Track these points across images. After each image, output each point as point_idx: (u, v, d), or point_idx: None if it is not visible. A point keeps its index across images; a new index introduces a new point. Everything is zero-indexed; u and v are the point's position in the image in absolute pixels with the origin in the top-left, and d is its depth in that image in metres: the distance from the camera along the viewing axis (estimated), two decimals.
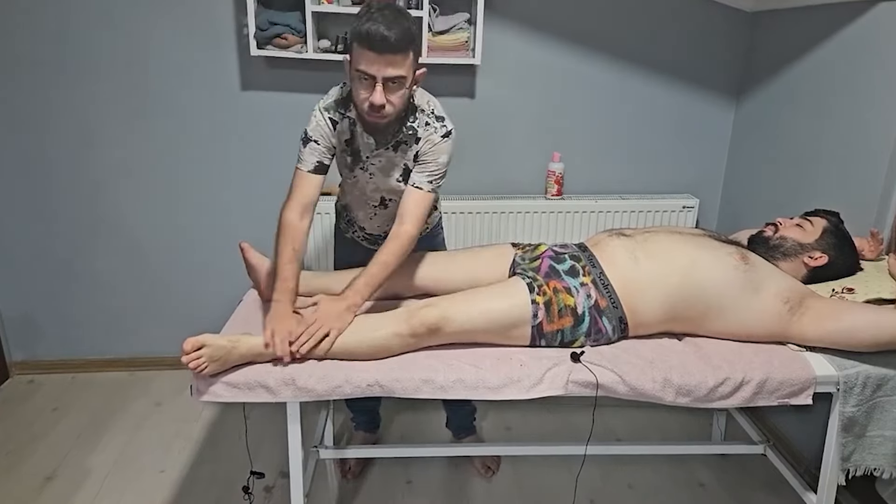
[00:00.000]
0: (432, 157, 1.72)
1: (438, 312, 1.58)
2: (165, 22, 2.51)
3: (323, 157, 1.76)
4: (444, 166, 1.74)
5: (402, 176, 1.81)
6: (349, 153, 1.81)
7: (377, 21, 1.51)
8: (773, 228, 1.85)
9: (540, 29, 2.64)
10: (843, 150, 2.15)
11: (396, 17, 1.54)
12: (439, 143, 1.72)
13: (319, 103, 1.77)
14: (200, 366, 1.45)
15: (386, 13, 1.53)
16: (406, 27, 1.55)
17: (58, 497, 2.17)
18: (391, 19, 1.52)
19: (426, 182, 1.73)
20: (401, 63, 1.56)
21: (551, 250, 1.80)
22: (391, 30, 1.51)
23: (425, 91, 1.80)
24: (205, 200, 2.76)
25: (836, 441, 1.62)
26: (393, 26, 1.51)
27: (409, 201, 1.73)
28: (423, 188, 1.73)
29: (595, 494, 2.25)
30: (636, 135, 2.83)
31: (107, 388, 2.84)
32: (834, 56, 2.20)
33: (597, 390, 1.52)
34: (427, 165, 1.73)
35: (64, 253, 2.78)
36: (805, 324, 1.61)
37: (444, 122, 1.74)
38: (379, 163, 1.80)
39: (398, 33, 1.52)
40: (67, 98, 2.57)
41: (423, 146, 1.73)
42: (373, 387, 1.52)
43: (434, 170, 1.73)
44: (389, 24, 1.51)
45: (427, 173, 1.73)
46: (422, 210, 1.73)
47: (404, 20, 1.55)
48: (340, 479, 2.28)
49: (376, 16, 1.52)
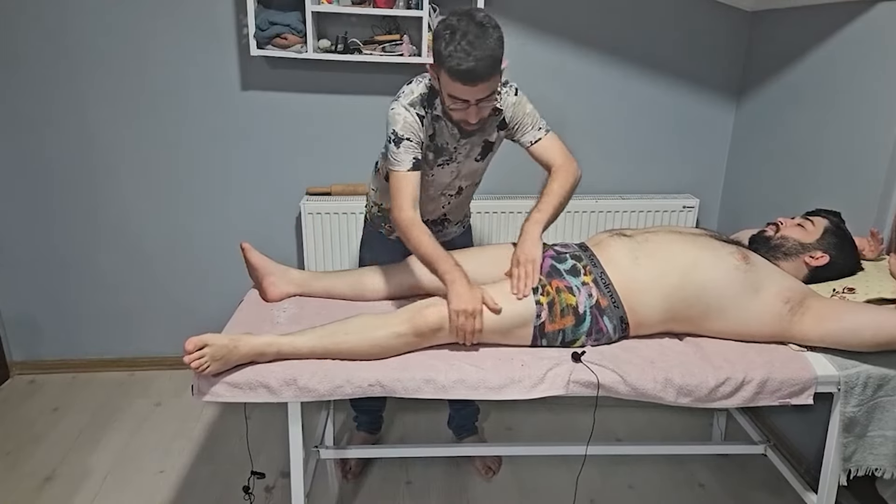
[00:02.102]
0: (521, 113, 1.80)
1: (440, 312, 1.58)
2: (165, 22, 2.51)
3: (417, 153, 1.73)
4: (534, 111, 1.82)
5: (481, 153, 1.89)
6: (431, 149, 1.82)
7: (463, 52, 1.49)
8: (774, 228, 1.85)
9: (540, 29, 2.64)
10: (843, 149, 2.15)
11: (480, 43, 1.50)
12: (517, 101, 1.79)
13: (401, 101, 1.73)
14: (202, 365, 1.45)
15: (470, 38, 1.49)
16: (490, 52, 1.52)
17: (58, 497, 2.17)
18: (476, 46, 1.49)
19: (537, 130, 1.82)
20: (491, 84, 1.58)
21: (552, 250, 1.80)
22: (479, 61, 1.50)
23: None
24: (205, 200, 2.76)
25: (837, 441, 1.62)
26: (479, 57, 1.50)
27: (545, 152, 1.82)
28: (541, 137, 1.82)
29: (595, 494, 2.25)
30: (636, 135, 2.83)
31: (107, 388, 2.83)
32: (834, 56, 2.20)
33: (598, 390, 1.52)
34: (524, 122, 1.81)
35: (64, 253, 2.78)
36: (806, 324, 1.61)
37: (507, 85, 1.79)
38: (465, 149, 1.84)
39: (485, 64, 1.51)
40: (67, 98, 2.57)
41: (507, 113, 1.80)
42: (374, 387, 1.52)
43: (532, 120, 1.81)
44: (476, 55, 1.50)
45: (531, 126, 1.82)
46: (559, 145, 1.83)
47: (488, 41, 1.51)
48: (341, 479, 2.28)
49: (462, 45, 1.49)
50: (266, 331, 1.66)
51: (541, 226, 1.72)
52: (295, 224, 2.80)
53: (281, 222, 2.81)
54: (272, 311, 1.83)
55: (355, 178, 2.73)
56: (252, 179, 2.74)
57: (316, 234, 2.65)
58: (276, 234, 2.81)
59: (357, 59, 2.47)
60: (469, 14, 1.54)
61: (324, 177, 2.74)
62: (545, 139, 1.82)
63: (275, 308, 1.86)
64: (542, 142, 1.81)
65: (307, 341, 1.56)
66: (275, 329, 1.70)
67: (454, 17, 1.54)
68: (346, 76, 2.62)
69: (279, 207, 2.78)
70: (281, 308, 1.86)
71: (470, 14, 1.54)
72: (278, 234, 2.82)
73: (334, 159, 2.74)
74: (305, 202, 2.62)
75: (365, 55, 2.48)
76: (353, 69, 2.60)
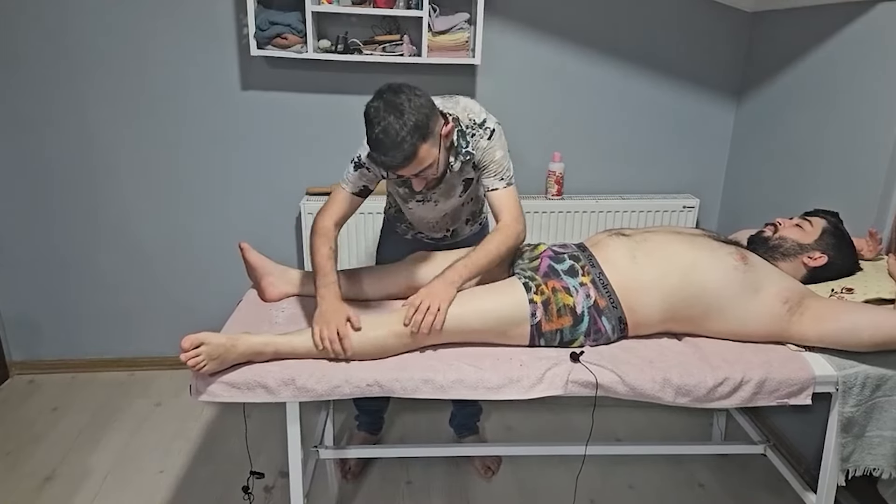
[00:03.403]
0: (489, 158, 1.74)
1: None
2: (165, 22, 2.51)
3: (370, 183, 1.76)
4: (503, 160, 1.76)
5: (464, 189, 1.85)
6: (402, 185, 1.83)
7: (380, 144, 1.50)
8: (772, 229, 1.85)
9: (540, 29, 2.64)
10: (843, 150, 2.15)
11: (395, 133, 1.48)
12: (487, 146, 1.74)
13: None
14: (199, 363, 1.45)
15: (385, 127, 1.48)
16: (406, 141, 1.49)
17: (58, 497, 2.17)
18: (391, 136, 1.48)
19: (498, 181, 1.76)
20: (420, 161, 1.56)
21: (550, 250, 1.80)
22: (395, 152, 1.50)
23: (460, 99, 1.78)
24: (205, 200, 2.77)
25: (836, 441, 1.62)
26: (394, 149, 1.49)
27: (496, 203, 1.76)
28: (498, 188, 1.76)
29: (595, 494, 2.25)
30: (636, 135, 2.83)
31: (107, 388, 2.84)
32: (834, 56, 2.20)
33: (596, 390, 1.52)
34: (489, 168, 1.75)
35: (64, 253, 2.78)
36: (804, 324, 1.61)
37: (485, 125, 1.74)
38: (439, 191, 1.83)
39: (401, 155, 1.51)
40: (67, 98, 2.57)
41: (477, 156, 1.75)
42: (372, 387, 1.52)
43: (497, 169, 1.75)
44: (391, 149, 1.50)
45: (493, 174, 1.75)
46: (511, 203, 1.76)
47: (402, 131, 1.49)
48: (340, 480, 2.28)
49: (378, 136, 1.49)
50: (264, 330, 1.66)
51: (462, 279, 1.64)
52: (295, 224, 2.80)
53: (281, 222, 2.81)
54: (270, 311, 1.84)
55: None
56: (252, 179, 2.75)
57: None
58: (275, 234, 2.82)
59: (357, 59, 2.47)
60: (387, 99, 1.50)
61: (324, 177, 2.74)
62: (502, 192, 1.75)
63: (273, 308, 1.86)
64: (498, 192, 1.75)
65: (305, 341, 1.56)
66: (273, 329, 1.71)
67: (374, 102, 1.52)
68: (346, 76, 2.62)
69: (279, 207, 2.78)
70: (279, 308, 1.86)
71: (388, 99, 1.50)
72: (278, 234, 2.82)
73: (334, 159, 2.73)
74: (305, 202, 2.62)
75: (365, 55, 2.49)
76: (353, 69, 2.60)
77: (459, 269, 1.65)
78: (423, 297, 1.59)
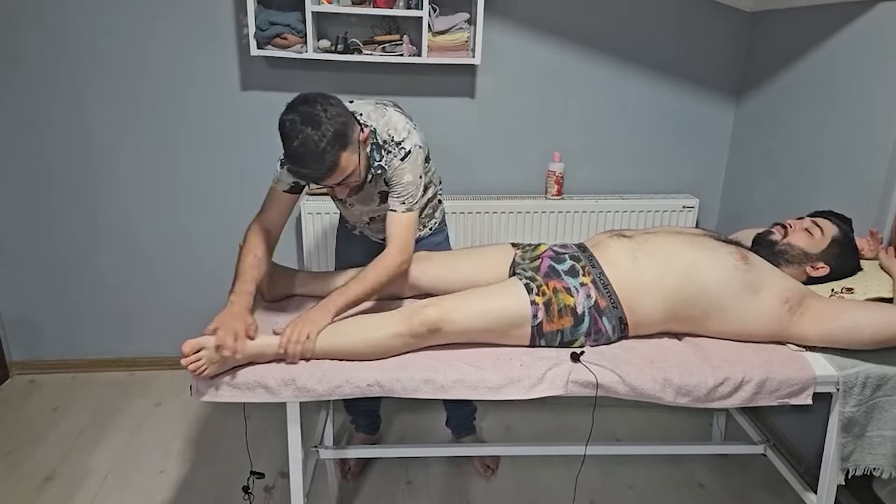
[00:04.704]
0: (396, 180, 1.74)
1: (438, 312, 1.57)
2: (165, 22, 2.51)
3: (300, 180, 1.76)
4: (410, 185, 1.74)
5: (380, 201, 1.86)
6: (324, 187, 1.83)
7: (298, 157, 1.51)
8: (781, 232, 1.81)
9: (540, 29, 2.64)
10: (843, 150, 2.15)
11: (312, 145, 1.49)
12: (398, 166, 1.73)
13: None
14: (200, 368, 1.45)
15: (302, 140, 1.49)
16: (322, 154, 1.50)
17: (58, 497, 2.17)
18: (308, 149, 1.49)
19: (399, 204, 1.75)
20: (342, 170, 1.58)
21: (551, 250, 1.80)
22: (313, 165, 1.52)
23: (385, 109, 1.78)
24: (205, 200, 2.77)
25: (836, 441, 1.62)
26: (311, 161, 1.51)
27: (391, 225, 1.76)
28: (397, 210, 1.75)
29: (595, 494, 2.25)
30: (636, 135, 2.83)
31: (107, 388, 2.84)
32: (834, 56, 2.20)
33: (597, 390, 1.52)
34: (395, 189, 1.75)
35: (64, 253, 2.78)
36: (805, 324, 1.61)
37: (402, 145, 1.73)
38: (356, 197, 1.85)
39: (320, 166, 1.53)
40: (67, 98, 2.57)
41: (388, 173, 1.75)
42: (373, 387, 1.52)
43: (402, 192, 1.74)
44: (308, 161, 1.51)
45: (397, 196, 1.75)
46: (403, 230, 1.75)
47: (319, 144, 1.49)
48: (340, 480, 2.28)
49: (296, 149, 1.50)
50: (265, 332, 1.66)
51: (336, 307, 1.63)
52: (295, 224, 2.80)
53: None
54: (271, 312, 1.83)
55: None
56: (252, 179, 2.74)
57: (316, 234, 2.65)
58: None
59: (357, 59, 2.47)
60: (302, 112, 1.51)
61: None
62: (400, 216, 1.75)
63: (274, 308, 1.86)
64: (395, 215, 1.75)
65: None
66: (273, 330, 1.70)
67: (288, 115, 1.52)
68: (346, 76, 2.62)
69: None
70: (280, 308, 1.86)
71: (303, 111, 1.50)
72: None
73: None
74: (305, 202, 2.62)
75: (365, 55, 2.48)
76: (353, 69, 2.60)
77: (336, 298, 1.64)
78: (294, 324, 1.56)
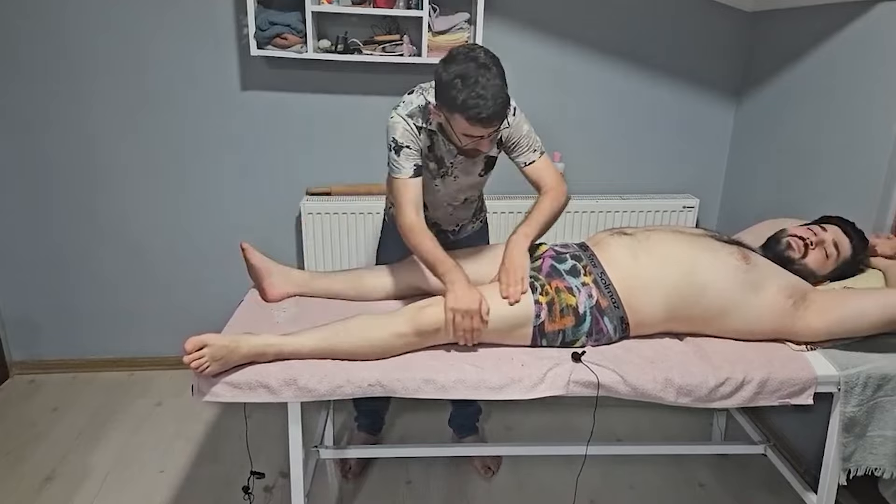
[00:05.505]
0: (518, 134, 1.79)
1: (440, 312, 1.57)
2: (165, 22, 2.51)
3: (417, 160, 1.75)
4: (531, 132, 1.81)
5: (484, 169, 1.90)
6: (433, 159, 1.84)
7: (480, 99, 1.51)
8: (801, 249, 1.77)
9: (540, 29, 2.64)
10: (843, 149, 2.15)
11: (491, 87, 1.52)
12: (514, 122, 1.78)
13: (399, 110, 1.73)
14: (202, 366, 1.45)
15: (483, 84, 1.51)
16: (502, 94, 1.54)
17: (58, 497, 2.17)
18: (490, 90, 1.51)
19: (531, 153, 1.82)
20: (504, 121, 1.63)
21: (552, 250, 1.80)
22: (496, 106, 1.53)
23: None
24: (205, 200, 2.76)
25: (837, 441, 1.62)
26: (495, 102, 1.52)
27: (536, 174, 1.82)
28: (535, 159, 1.82)
29: (595, 494, 2.25)
30: (636, 135, 2.83)
31: (107, 388, 2.83)
32: (834, 56, 2.20)
33: (598, 390, 1.52)
34: (520, 143, 1.81)
35: (64, 253, 2.78)
36: (810, 316, 1.61)
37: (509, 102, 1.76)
38: (461, 165, 1.84)
39: (501, 107, 1.55)
40: (67, 98, 2.57)
41: (505, 133, 1.78)
42: (374, 387, 1.52)
43: (528, 142, 1.81)
44: (491, 101, 1.52)
45: (526, 147, 1.81)
46: (552, 168, 1.84)
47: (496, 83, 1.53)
48: (340, 479, 2.28)
49: (477, 92, 1.51)
50: (266, 331, 1.66)
51: (528, 239, 1.72)
52: (295, 224, 2.80)
53: (281, 222, 2.81)
54: (272, 312, 1.84)
55: (355, 178, 2.74)
56: (252, 179, 2.74)
57: (316, 235, 2.65)
58: (276, 235, 2.81)
59: (357, 59, 2.47)
60: (471, 58, 1.54)
61: (324, 177, 2.74)
62: (539, 161, 1.82)
63: (275, 308, 1.86)
64: (536, 164, 1.82)
65: (307, 341, 1.56)
66: (274, 329, 1.70)
67: (459, 64, 1.54)
68: (346, 76, 2.62)
69: (279, 207, 2.78)
70: (281, 308, 1.86)
71: (472, 57, 1.54)
72: (278, 234, 2.82)
73: (334, 159, 2.74)
74: (305, 202, 2.62)
75: (365, 55, 2.48)
76: (353, 69, 2.60)
77: (528, 234, 1.72)
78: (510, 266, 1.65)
